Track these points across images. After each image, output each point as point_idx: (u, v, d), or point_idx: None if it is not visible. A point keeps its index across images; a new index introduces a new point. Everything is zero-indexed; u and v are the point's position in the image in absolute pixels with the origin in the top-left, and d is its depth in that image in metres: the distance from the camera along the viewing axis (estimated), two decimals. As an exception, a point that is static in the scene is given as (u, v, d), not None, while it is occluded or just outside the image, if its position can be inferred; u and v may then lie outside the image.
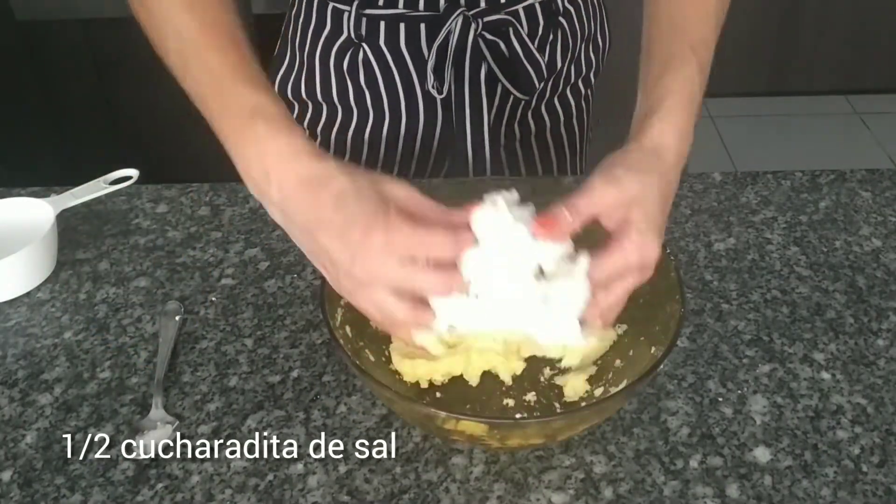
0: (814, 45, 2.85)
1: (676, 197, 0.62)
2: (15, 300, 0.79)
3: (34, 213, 0.83)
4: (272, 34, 1.04)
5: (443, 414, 0.57)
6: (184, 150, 1.98)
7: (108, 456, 0.63)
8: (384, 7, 0.90)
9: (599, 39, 1.03)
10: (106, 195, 0.90)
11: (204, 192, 0.93)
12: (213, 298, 0.78)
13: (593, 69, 1.03)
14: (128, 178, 0.90)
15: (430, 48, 0.92)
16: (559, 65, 0.98)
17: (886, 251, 0.82)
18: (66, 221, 0.88)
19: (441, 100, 0.95)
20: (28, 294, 0.79)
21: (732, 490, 0.60)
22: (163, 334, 0.74)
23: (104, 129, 1.99)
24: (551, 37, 0.96)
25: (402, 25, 0.91)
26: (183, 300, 0.78)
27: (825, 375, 0.69)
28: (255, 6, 2.14)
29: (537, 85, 0.96)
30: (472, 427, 0.57)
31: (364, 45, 0.93)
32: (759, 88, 2.91)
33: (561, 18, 0.96)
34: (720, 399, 0.67)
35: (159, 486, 0.61)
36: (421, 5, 0.90)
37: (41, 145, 1.98)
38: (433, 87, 0.93)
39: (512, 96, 0.97)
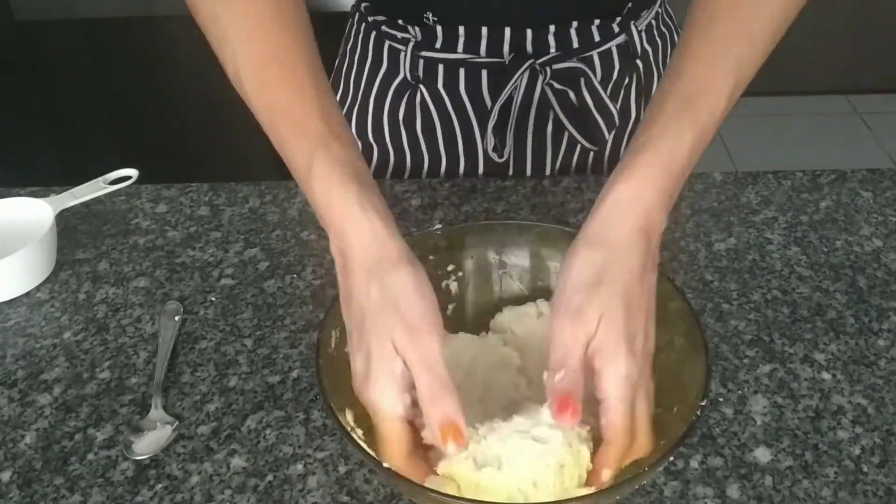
0: (814, 45, 2.85)
1: (677, 197, 0.61)
2: (14, 300, 0.79)
3: (33, 213, 0.83)
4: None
5: (396, 476, 0.53)
6: (184, 150, 1.98)
7: (108, 456, 0.63)
8: (442, 50, 0.85)
9: None
10: (105, 195, 0.90)
11: (203, 192, 0.93)
12: (213, 298, 0.78)
13: None
14: (127, 177, 0.90)
15: (492, 96, 0.86)
16: (633, 112, 0.91)
17: (887, 251, 0.82)
18: (66, 221, 0.88)
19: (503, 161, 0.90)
20: (27, 294, 0.79)
21: (733, 490, 0.60)
22: (162, 334, 0.73)
23: (104, 129, 1.99)
24: (626, 80, 0.89)
25: (461, 70, 0.86)
26: (182, 300, 0.78)
27: (826, 376, 0.69)
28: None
29: (607, 136, 0.90)
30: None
31: (422, 86, 0.88)
32: (759, 88, 2.90)
33: (638, 61, 0.89)
34: (720, 399, 0.67)
35: (159, 486, 0.61)
36: (482, 51, 0.84)
37: (41, 145, 1.98)
38: (493, 149, 0.88)
39: (579, 145, 0.91)
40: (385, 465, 0.53)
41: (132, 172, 0.90)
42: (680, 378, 0.59)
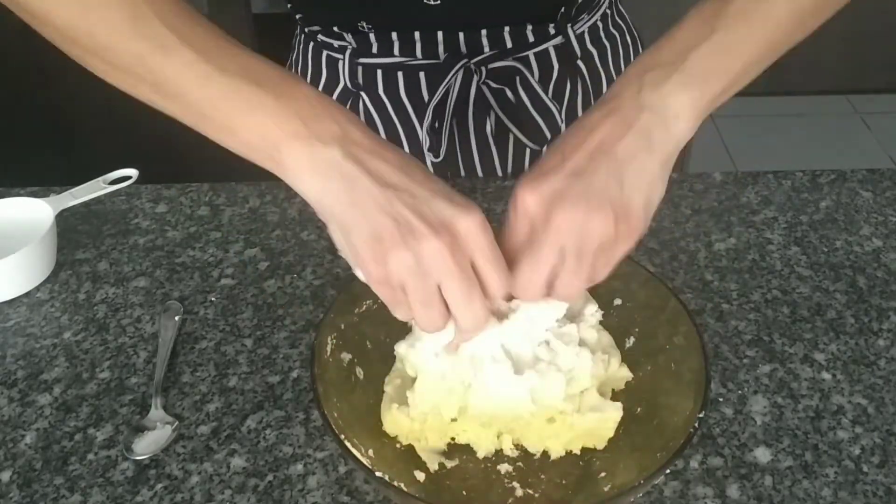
0: (814, 45, 2.84)
1: (677, 197, 0.61)
2: (14, 300, 0.79)
3: (33, 213, 0.83)
4: (272, 34, 1.03)
5: (384, 478, 0.53)
6: (184, 150, 1.98)
7: (108, 456, 0.63)
8: (379, 56, 0.85)
9: None
10: (105, 195, 0.90)
11: (203, 192, 0.93)
12: (213, 298, 0.78)
13: None
14: (127, 177, 0.90)
15: (430, 97, 0.86)
16: (580, 113, 0.89)
17: (887, 251, 0.82)
18: (66, 221, 0.88)
19: (447, 161, 0.89)
20: (27, 294, 0.79)
21: (733, 490, 0.60)
22: (162, 334, 0.73)
23: (104, 129, 1.98)
24: (569, 84, 0.89)
25: (399, 74, 0.86)
26: (182, 300, 0.78)
27: (826, 376, 0.69)
28: (254, 6, 2.14)
29: (548, 134, 0.89)
30: None
31: (363, 94, 0.89)
32: (759, 88, 2.89)
33: (580, 63, 0.89)
34: (720, 399, 0.67)
35: (159, 486, 0.61)
36: (418, 53, 0.85)
37: (41, 145, 1.98)
38: (429, 149, 0.87)
39: (528, 148, 0.90)
40: (378, 474, 0.53)
41: (132, 172, 0.90)
42: (679, 385, 0.59)
